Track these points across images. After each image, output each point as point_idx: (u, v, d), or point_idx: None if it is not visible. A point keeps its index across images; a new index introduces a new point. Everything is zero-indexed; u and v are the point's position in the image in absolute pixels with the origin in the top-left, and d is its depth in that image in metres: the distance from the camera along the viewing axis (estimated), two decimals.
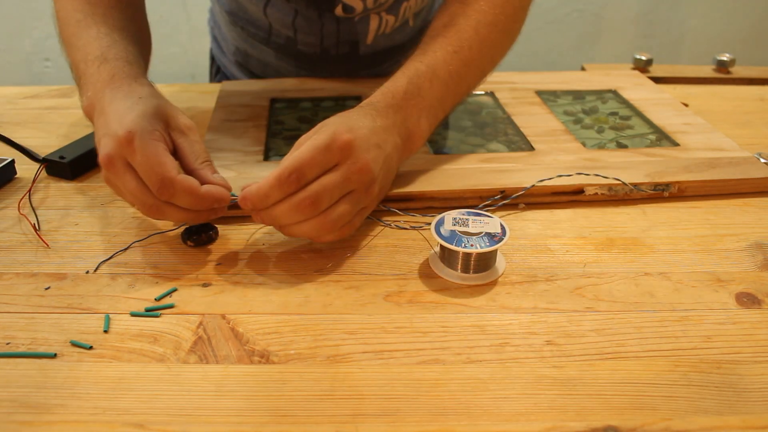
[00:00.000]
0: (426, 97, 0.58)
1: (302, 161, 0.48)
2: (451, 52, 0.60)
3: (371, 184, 0.51)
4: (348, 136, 0.49)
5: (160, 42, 0.68)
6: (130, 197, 0.50)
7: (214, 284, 0.50)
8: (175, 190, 0.48)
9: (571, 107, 0.78)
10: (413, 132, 0.57)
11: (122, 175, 0.49)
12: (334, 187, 0.48)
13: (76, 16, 0.61)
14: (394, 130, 0.55)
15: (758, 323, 0.46)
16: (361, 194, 0.50)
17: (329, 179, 0.48)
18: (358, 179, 0.49)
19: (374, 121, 0.53)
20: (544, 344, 0.44)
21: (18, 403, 0.39)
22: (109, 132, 0.49)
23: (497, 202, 0.59)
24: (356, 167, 0.49)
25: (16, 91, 0.86)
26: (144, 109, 0.50)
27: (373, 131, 0.52)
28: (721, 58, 0.97)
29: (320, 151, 0.48)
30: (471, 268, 0.50)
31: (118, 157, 0.48)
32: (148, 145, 0.48)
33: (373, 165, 0.50)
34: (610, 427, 0.38)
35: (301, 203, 0.48)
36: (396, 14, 0.80)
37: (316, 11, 0.78)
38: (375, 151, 0.51)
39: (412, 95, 0.57)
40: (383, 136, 0.53)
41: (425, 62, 0.59)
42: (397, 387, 0.40)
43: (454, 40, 0.61)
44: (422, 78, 0.58)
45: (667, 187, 0.61)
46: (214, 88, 0.86)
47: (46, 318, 0.46)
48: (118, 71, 0.55)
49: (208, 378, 0.41)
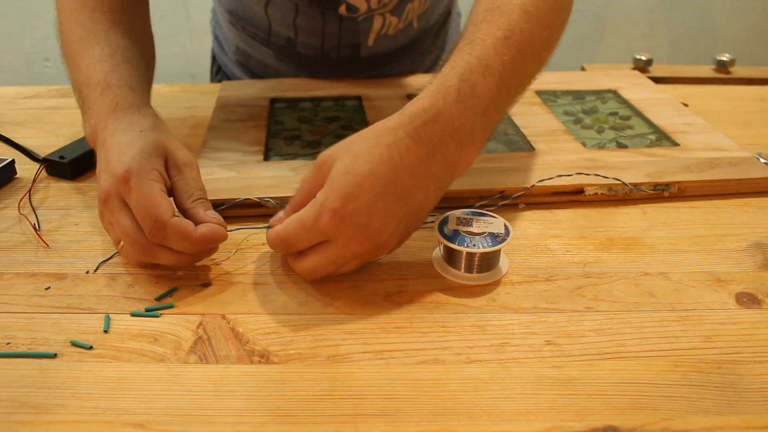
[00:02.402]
0: (482, 97, 0.48)
1: (287, 235, 0.47)
2: (501, 38, 0.50)
3: (377, 249, 0.46)
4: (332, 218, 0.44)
5: (160, 42, 0.68)
6: (122, 235, 0.48)
7: (214, 284, 0.50)
8: (167, 233, 0.46)
9: (571, 107, 0.78)
10: (465, 147, 0.48)
11: (116, 213, 0.48)
12: (325, 265, 0.47)
13: (78, 32, 0.59)
14: (435, 157, 0.47)
15: (758, 323, 0.46)
16: (370, 257, 0.48)
17: (320, 256, 0.46)
18: (353, 254, 0.46)
19: (401, 159, 0.45)
20: (544, 344, 0.44)
21: (18, 403, 0.39)
22: (108, 167, 0.49)
23: (496, 202, 0.59)
24: (350, 245, 0.45)
25: (16, 91, 0.86)
26: (143, 145, 0.49)
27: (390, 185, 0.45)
28: (721, 58, 0.97)
29: (305, 230, 0.45)
30: (474, 267, 0.50)
31: (114, 194, 0.48)
32: (143, 186, 0.47)
33: (380, 235, 0.45)
34: (610, 427, 0.38)
35: (302, 273, 0.49)
36: (400, 15, 0.80)
37: (318, 10, 0.78)
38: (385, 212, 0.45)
39: (466, 96, 0.47)
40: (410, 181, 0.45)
41: (475, 54, 0.49)
42: (397, 387, 0.40)
43: (502, 24, 0.50)
44: (476, 74, 0.48)
45: (667, 187, 0.61)
46: (214, 88, 0.86)
47: (46, 318, 0.46)
48: (122, 100, 0.53)
49: (208, 378, 0.41)
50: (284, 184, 0.59)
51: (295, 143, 0.69)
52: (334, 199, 0.44)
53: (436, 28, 0.90)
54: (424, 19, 0.86)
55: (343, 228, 0.44)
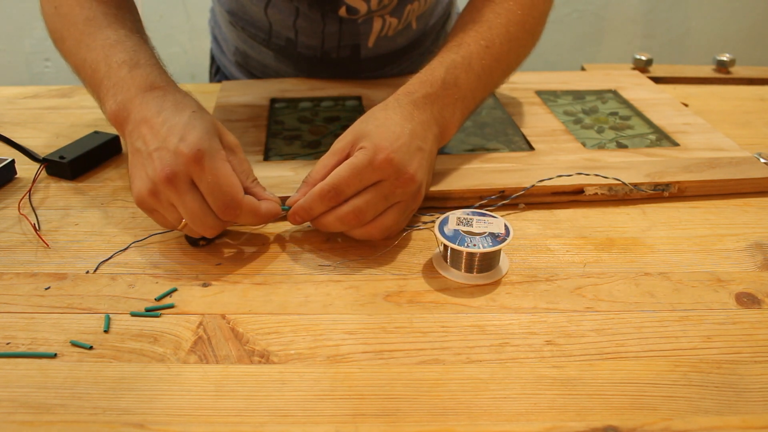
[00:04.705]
0: (462, 87, 0.58)
1: (340, 179, 0.49)
2: (484, 46, 0.61)
3: (418, 192, 0.52)
4: (388, 155, 0.49)
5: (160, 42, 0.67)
6: (188, 215, 0.48)
7: (214, 284, 0.50)
8: (242, 211, 0.49)
9: (571, 107, 0.78)
10: (449, 122, 0.58)
11: (184, 193, 0.47)
12: (378, 202, 0.50)
13: (84, 13, 0.59)
14: (432, 122, 0.56)
15: (758, 323, 0.46)
16: (409, 202, 0.52)
17: (373, 195, 0.50)
18: (404, 192, 0.51)
19: (412, 117, 0.54)
20: (544, 344, 0.44)
21: (18, 403, 0.39)
22: (167, 146, 0.47)
23: (496, 201, 0.59)
24: (401, 181, 0.50)
25: (16, 91, 0.86)
26: (205, 126, 0.49)
27: (413, 134, 0.52)
28: (721, 58, 0.97)
29: (359, 171, 0.49)
30: (474, 267, 0.50)
31: (183, 174, 0.47)
32: (218, 166, 0.48)
33: (418, 174, 0.51)
34: (610, 427, 0.38)
35: (345, 217, 0.50)
36: (399, 17, 0.80)
37: (318, 12, 0.78)
38: (418, 157, 0.52)
39: (449, 85, 0.57)
40: (423, 133, 0.54)
41: (461, 54, 0.60)
42: (397, 387, 0.40)
43: (486, 35, 0.61)
44: (459, 69, 0.58)
45: (667, 187, 0.61)
46: (213, 88, 0.86)
47: (46, 318, 0.46)
48: (157, 78, 0.53)
49: (207, 378, 0.41)
50: (284, 184, 0.59)
51: (295, 143, 0.69)
52: (382, 143, 0.50)
53: (436, 29, 0.90)
54: (424, 21, 0.86)
55: (394, 165, 0.49)
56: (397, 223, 0.52)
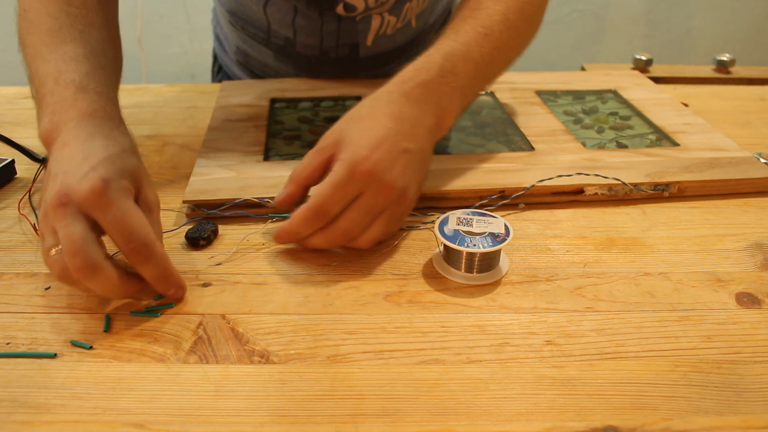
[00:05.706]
0: (460, 75, 0.56)
1: (324, 199, 0.49)
2: (483, 34, 0.59)
3: (402, 197, 0.51)
4: (366, 167, 0.48)
5: (160, 42, 0.68)
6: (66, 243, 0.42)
7: (214, 284, 0.50)
8: (155, 257, 0.44)
9: (571, 107, 0.78)
10: (446, 112, 0.56)
11: (69, 218, 0.42)
12: (362, 218, 0.50)
13: (49, 23, 0.55)
14: (426, 115, 0.54)
15: (758, 323, 0.46)
16: (394, 209, 0.51)
17: (356, 213, 0.49)
18: (386, 200, 0.50)
19: (401, 114, 0.52)
20: (544, 344, 0.44)
21: (18, 403, 0.39)
22: (75, 171, 0.44)
23: (496, 201, 0.59)
24: (382, 191, 0.49)
25: (16, 91, 0.86)
26: (125, 166, 0.46)
27: (399, 135, 0.51)
28: (721, 58, 0.98)
29: (340, 187, 0.48)
30: (474, 267, 0.50)
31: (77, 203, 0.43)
32: (125, 203, 0.44)
33: (399, 180, 0.50)
34: (610, 427, 0.38)
35: (332, 237, 0.50)
36: (398, 15, 0.80)
37: (316, 10, 0.78)
38: (402, 160, 0.50)
39: (447, 72, 0.56)
40: (411, 132, 0.52)
41: (459, 41, 0.58)
42: (397, 387, 0.40)
43: (485, 23, 0.60)
44: (457, 57, 0.57)
45: (667, 187, 0.61)
46: (214, 88, 0.86)
47: (46, 318, 0.46)
48: (99, 108, 0.50)
49: (207, 378, 0.41)
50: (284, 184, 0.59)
51: (295, 143, 0.69)
52: (361, 152, 0.49)
53: (436, 27, 0.90)
54: (423, 19, 0.86)
55: (375, 176, 0.48)
56: (386, 232, 0.52)
